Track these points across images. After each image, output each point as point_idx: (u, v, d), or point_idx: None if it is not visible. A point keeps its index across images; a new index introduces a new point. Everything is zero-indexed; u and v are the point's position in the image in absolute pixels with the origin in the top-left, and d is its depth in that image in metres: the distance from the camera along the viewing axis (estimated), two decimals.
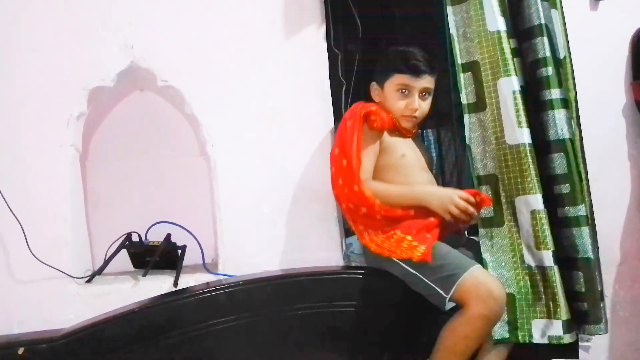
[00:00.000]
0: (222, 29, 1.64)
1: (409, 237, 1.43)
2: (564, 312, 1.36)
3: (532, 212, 1.39)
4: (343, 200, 1.51)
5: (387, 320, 1.51)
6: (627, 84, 1.77)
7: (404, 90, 1.52)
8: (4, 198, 1.45)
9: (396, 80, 1.52)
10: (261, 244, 1.64)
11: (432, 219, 1.45)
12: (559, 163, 1.43)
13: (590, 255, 1.42)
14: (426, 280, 1.39)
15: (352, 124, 1.47)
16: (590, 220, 1.47)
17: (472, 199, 1.42)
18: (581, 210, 1.42)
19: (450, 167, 2.06)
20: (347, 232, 1.72)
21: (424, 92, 1.55)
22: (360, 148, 1.47)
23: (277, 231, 1.65)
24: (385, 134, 1.54)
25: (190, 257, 1.68)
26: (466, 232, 1.66)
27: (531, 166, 1.40)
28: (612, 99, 1.76)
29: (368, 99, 1.62)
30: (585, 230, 1.42)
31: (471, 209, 1.41)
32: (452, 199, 1.42)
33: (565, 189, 1.43)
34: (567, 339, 1.36)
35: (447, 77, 1.94)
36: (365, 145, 1.49)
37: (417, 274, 1.41)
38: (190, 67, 1.61)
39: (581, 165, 1.50)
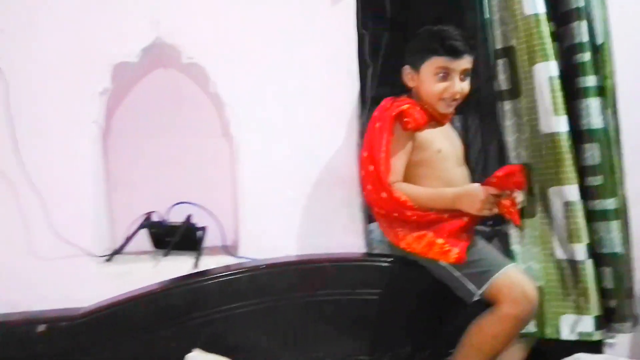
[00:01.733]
0: (250, 7, 1.59)
1: (439, 241, 1.37)
2: (595, 308, 1.33)
3: (567, 204, 1.35)
4: (374, 204, 1.47)
5: (411, 310, 1.49)
6: None
7: (442, 73, 1.44)
8: (26, 174, 1.43)
9: (434, 63, 1.43)
10: (283, 228, 1.61)
11: (465, 218, 1.39)
12: (591, 154, 1.40)
13: (619, 250, 1.38)
14: (457, 274, 1.36)
15: (382, 125, 1.41)
16: (622, 215, 1.42)
17: (504, 192, 1.35)
18: (611, 203, 1.38)
19: (475, 154, 2.01)
20: (370, 218, 1.69)
21: (463, 73, 1.46)
22: (389, 152, 1.41)
23: (299, 215, 1.62)
24: None
25: (211, 239, 1.66)
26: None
27: (567, 156, 1.35)
28: None
29: (397, 83, 1.56)
30: (614, 224, 1.39)
31: (505, 202, 1.35)
32: (483, 198, 1.34)
33: (596, 180, 1.40)
34: (598, 335, 1.33)
35: (476, 62, 1.90)
36: (396, 146, 1.42)
37: (447, 266, 1.37)
38: (216, 45, 1.57)
39: (616, 157, 1.45)
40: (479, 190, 1.36)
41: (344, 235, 1.63)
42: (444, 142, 1.49)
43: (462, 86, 1.46)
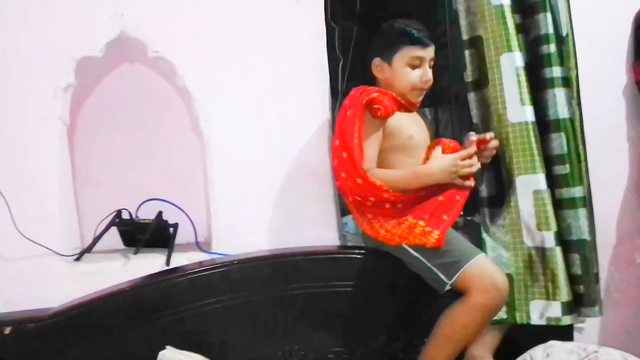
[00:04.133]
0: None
1: (421, 223, 1.39)
2: (564, 294, 1.36)
3: (535, 192, 1.38)
4: (348, 193, 1.46)
5: (384, 301, 1.49)
6: (628, 64, 1.74)
7: (415, 63, 1.47)
8: None
9: (407, 53, 1.46)
10: (256, 223, 1.61)
11: (440, 197, 1.42)
12: (558, 143, 1.42)
13: (587, 237, 1.41)
14: (428, 264, 1.37)
15: (353, 113, 1.41)
16: (587, 202, 1.46)
17: (471, 151, 1.41)
18: (578, 191, 1.41)
19: None
20: (343, 211, 1.69)
21: (430, 62, 1.50)
22: (362, 139, 1.42)
23: (272, 210, 1.61)
24: None
25: (183, 236, 1.64)
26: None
27: (534, 145, 1.38)
28: (612, 79, 1.73)
29: (366, 76, 1.57)
30: (582, 211, 1.41)
31: (475, 161, 1.41)
32: (454, 164, 1.40)
33: (563, 169, 1.42)
34: (567, 320, 1.36)
35: (445, 55, 1.92)
36: (367, 134, 1.43)
37: (419, 256, 1.38)
38: (182, 38, 1.55)
39: (580, 146, 1.48)
40: (449, 157, 1.42)
41: (317, 229, 1.63)
42: (414, 129, 1.51)
43: (431, 74, 1.50)
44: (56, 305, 1.38)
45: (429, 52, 1.48)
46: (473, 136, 1.43)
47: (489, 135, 1.42)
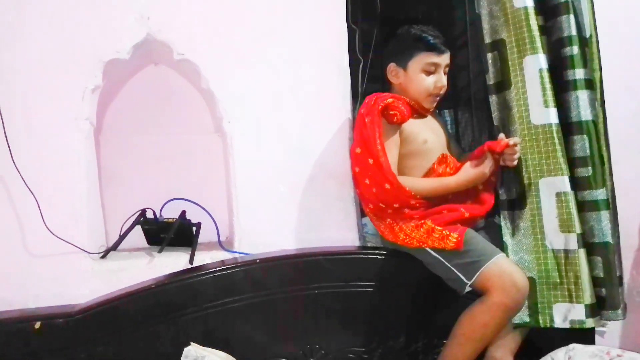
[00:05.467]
0: (241, 3, 1.59)
1: (439, 227, 1.40)
2: (587, 296, 1.35)
3: (558, 195, 1.37)
4: (371, 200, 1.47)
5: (404, 301, 1.50)
6: None
7: (431, 69, 1.48)
8: (19, 172, 1.43)
9: (422, 59, 1.48)
10: (277, 223, 1.62)
11: (466, 213, 1.44)
12: (580, 145, 1.41)
13: (609, 239, 1.40)
14: (447, 265, 1.38)
15: (371, 120, 1.42)
16: (610, 205, 1.44)
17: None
18: (601, 194, 1.40)
19: (467, 148, 2.03)
20: (362, 212, 1.70)
21: (445, 69, 1.52)
22: (383, 146, 1.43)
23: (293, 210, 1.63)
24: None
25: (205, 235, 1.67)
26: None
27: (558, 147, 1.37)
28: (637, 81, 1.71)
29: (385, 79, 1.58)
30: (605, 214, 1.40)
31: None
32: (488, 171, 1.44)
33: (586, 172, 1.41)
34: (590, 323, 1.35)
35: (466, 57, 1.91)
36: (386, 140, 1.44)
37: (438, 257, 1.39)
38: (207, 41, 1.58)
39: (604, 148, 1.47)
40: (481, 169, 1.44)
41: (337, 229, 1.64)
42: (429, 133, 1.52)
43: (446, 80, 1.52)
44: (83, 302, 1.41)
45: (444, 59, 1.49)
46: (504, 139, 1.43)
47: (512, 140, 1.41)
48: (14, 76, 1.47)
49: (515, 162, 1.43)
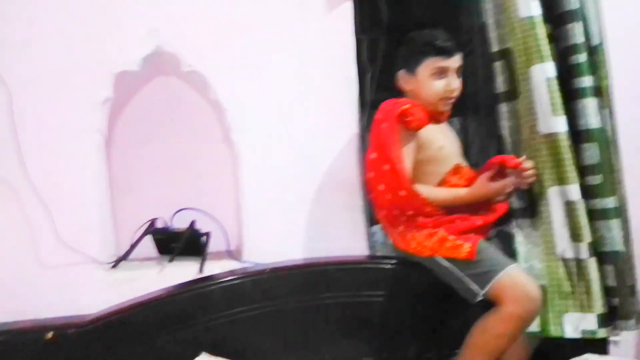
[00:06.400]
0: (248, 14, 1.61)
1: (451, 237, 1.40)
2: (599, 306, 1.34)
3: (568, 203, 1.36)
4: (384, 206, 1.47)
5: (415, 311, 1.50)
6: None
7: (440, 73, 1.48)
8: (32, 183, 1.44)
9: (431, 64, 1.48)
10: (286, 232, 1.63)
11: (478, 221, 1.44)
12: (590, 153, 1.40)
13: (619, 248, 1.39)
14: (460, 274, 1.37)
15: (388, 125, 1.42)
16: (622, 213, 1.43)
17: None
18: (611, 202, 1.39)
19: (475, 156, 2.02)
20: (371, 221, 1.70)
21: (457, 71, 1.51)
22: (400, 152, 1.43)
23: (301, 219, 1.63)
24: None
25: (214, 244, 1.67)
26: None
27: (567, 155, 1.37)
28: None
29: (394, 87, 1.58)
30: (615, 222, 1.39)
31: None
32: (497, 187, 1.44)
33: (596, 180, 1.40)
34: (602, 333, 1.34)
35: (472, 64, 1.91)
36: (403, 146, 1.44)
37: (450, 266, 1.39)
38: (215, 52, 1.59)
39: (614, 156, 1.46)
40: (494, 188, 1.44)
41: (346, 239, 1.64)
42: (444, 140, 1.53)
43: (458, 83, 1.51)
44: (94, 311, 1.42)
45: (454, 61, 1.49)
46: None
47: (525, 163, 1.41)
48: (26, 88, 1.49)
49: (528, 185, 1.43)
